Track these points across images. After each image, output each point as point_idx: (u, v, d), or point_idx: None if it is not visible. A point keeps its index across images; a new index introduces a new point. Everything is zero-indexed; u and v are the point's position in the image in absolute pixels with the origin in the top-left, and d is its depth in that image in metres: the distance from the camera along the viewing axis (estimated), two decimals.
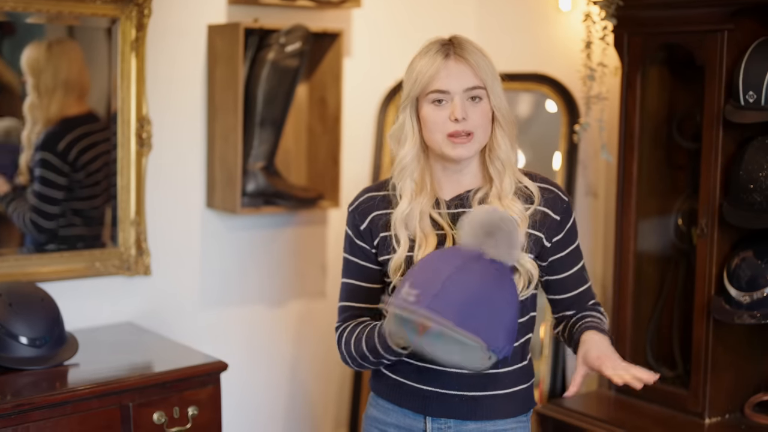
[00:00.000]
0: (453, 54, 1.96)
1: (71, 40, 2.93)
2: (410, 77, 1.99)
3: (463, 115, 1.94)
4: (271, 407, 3.48)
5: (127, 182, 3.03)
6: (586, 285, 2.10)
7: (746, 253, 2.71)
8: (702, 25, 2.74)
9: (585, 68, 3.08)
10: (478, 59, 1.96)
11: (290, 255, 3.45)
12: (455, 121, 1.95)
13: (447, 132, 1.96)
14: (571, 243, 2.07)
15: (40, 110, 2.89)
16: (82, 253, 2.99)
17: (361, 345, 2.02)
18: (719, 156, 2.73)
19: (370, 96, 3.60)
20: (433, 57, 1.96)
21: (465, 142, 1.96)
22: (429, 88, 1.96)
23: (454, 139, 1.96)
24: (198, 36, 3.17)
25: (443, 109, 1.96)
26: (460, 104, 1.94)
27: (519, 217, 1.99)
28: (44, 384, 2.47)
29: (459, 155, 1.97)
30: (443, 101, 1.96)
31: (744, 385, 2.87)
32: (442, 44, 1.98)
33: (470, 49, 1.97)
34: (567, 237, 2.06)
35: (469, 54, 1.96)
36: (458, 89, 1.95)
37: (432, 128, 1.97)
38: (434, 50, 1.97)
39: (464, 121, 1.95)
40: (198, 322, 3.26)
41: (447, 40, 2.00)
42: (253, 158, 3.17)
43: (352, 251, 2.10)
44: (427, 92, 1.97)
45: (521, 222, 1.99)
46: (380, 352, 1.99)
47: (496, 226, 1.82)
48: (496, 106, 1.98)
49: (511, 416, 2.07)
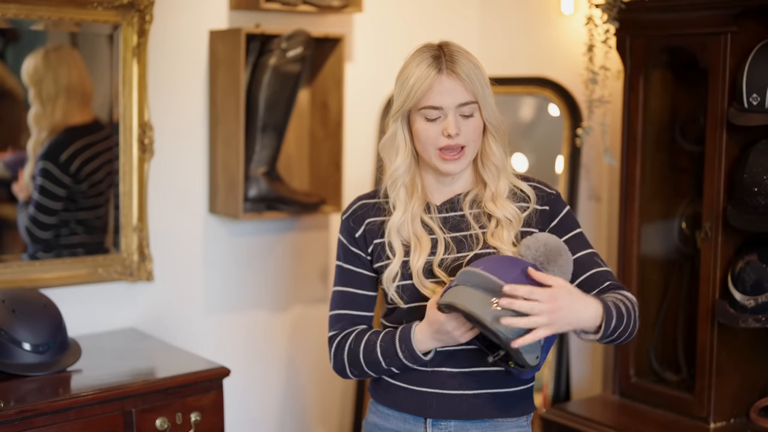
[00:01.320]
0: (445, 69, 1.97)
1: (69, 47, 2.93)
2: (402, 89, 2.01)
3: (456, 131, 1.98)
4: (273, 413, 3.47)
5: (129, 188, 3.02)
6: (599, 268, 2.04)
7: (751, 257, 2.70)
8: (705, 28, 2.73)
9: (587, 72, 3.07)
10: (469, 72, 1.98)
11: (292, 260, 3.45)
12: (448, 137, 1.98)
13: (439, 146, 2.00)
14: (571, 230, 2.07)
15: (45, 119, 2.89)
16: (85, 259, 2.99)
17: (376, 350, 2.02)
18: (723, 159, 2.73)
19: (372, 101, 3.59)
20: (425, 71, 1.97)
21: (456, 158, 2.00)
22: (422, 104, 1.99)
23: (445, 155, 1.99)
24: (199, 42, 3.17)
25: (436, 125, 1.99)
26: (453, 121, 1.98)
27: (513, 217, 2.03)
28: (47, 390, 2.46)
29: (450, 171, 2.02)
30: (436, 117, 1.99)
31: (749, 390, 2.86)
32: (433, 56, 1.99)
33: (462, 62, 1.98)
34: (564, 224, 2.07)
35: (461, 68, 1.98)
36: (451, 105, 1.98)
37: (425, 142, 2.01)
38: (426, 63, 1.98)
39: (457, 136, 1.98)
40: (200, 327, 3.26)
41: (437, 49, 2.00)
42: (255, 163, 3.17)
43: (346, 258, 2.11)
44: (419, 107, 2.00)
45: (515, 222, 2.03)
46: (399, 357, 2.00)
47: (557, 252, 1.96)
48: (487, 119, 2.02)
49: (511, 416, 2.06)
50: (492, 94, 2.03)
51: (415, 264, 2.02)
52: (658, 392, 2.97)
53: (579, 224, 2.10)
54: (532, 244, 1.97)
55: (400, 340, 2.00)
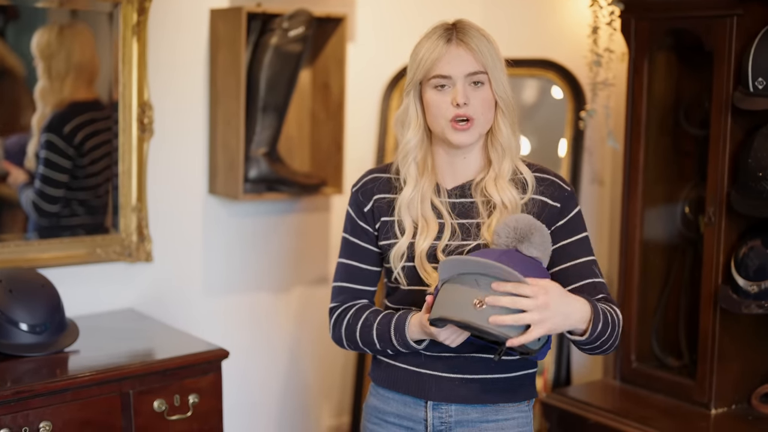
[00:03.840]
0: (455, 39, 1.97)
1: (83, 24, 2.91)
2: (413, 62, 2.01)
3: (464, 100, 1.96)
4: (272, 394, 3.46)
5: (128, 168, 3.00)
6: (595, 278, 2.01)
7: (754, 242, 2.68)
8: (710, 11, 2.70)
9: (591, 54, 3.04)
10: (480, 44, 1.97)
11: (293, 241, 3.43)
12: (457, 106, 1.96)
13: (449, 117, 1.98)
14: (576, 233, 2.03)
15: (51, 94, 2.87)
16: (84, 239, 2.97)
17: (372, 332, 2.03)
18: (727, 143, 2.70)
19: (374, 82, 3.57)
20: (435, 42, 1.98)
21: (467, 128, 1.98)
22: (431, 73, 1.98)
23: (456, 125, 1.97)
24: (200, 20, 3.14)
25: (446, 94, 1.98)
26: (462, 89, 1.96)
27: (511, 203, 2.00)
28: (44, 371, 2.45)
29: (460, 141, 2.00)
30: (445, 86, 1.98)
31: (751, 376, 2.84)
32: (445, 29, 2.00)
33: (473, 34, 1.98)
34: (570, 225, 2.03)
35: (471, 39, 1.97)
36: (460, 74, 1.97)
37: (435, 113, 2.00)
38: (437, 35, 1.98)
39: (466, 106, 1.97)
40: (199, 308, 3.24)
41: (451, 25, 2.01)
42: (255, 144, 3.15)
43: (353, 232, 2.11)
44: (429, 77, 1.99)
45: (512, 208, 2.00)
46: (393, 343, 2.01)
47: (528, 231, 1.92)
48: (497, 92, 2.00)
49: (512, 402, 2.05)
50: (505, 70, 2.01)
51: (420, 246, 2.01)
52: (659, 377, 2.96)
53: (586, 227, 2.05)
54: (502, 230, 1.93)
55: (395, 329, 2.00)
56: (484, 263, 1.82)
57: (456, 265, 1.86)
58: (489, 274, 1.83)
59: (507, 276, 1.82)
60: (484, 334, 1.84)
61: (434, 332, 1.92)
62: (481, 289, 1.82)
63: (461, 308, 1.83)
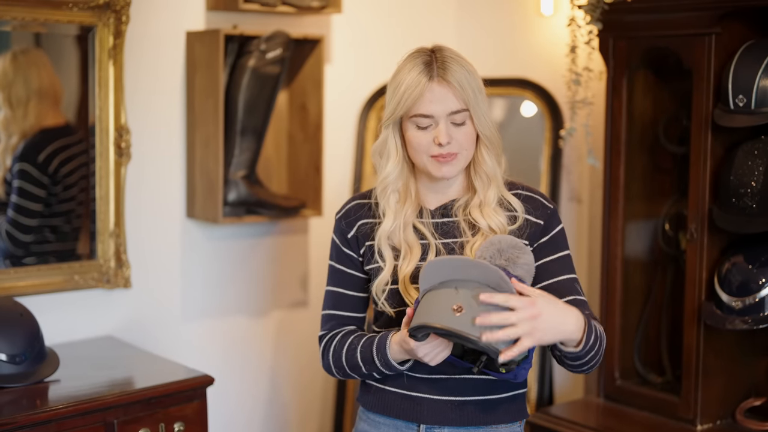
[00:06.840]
0: (436, 76, 1.94)
1: (37, 49, 2.86)
2: (393, 96, 1.98)
3: (447, 140, 1.95)
4: (253, 419, 3.42)
5: (105, 193, 2.96)
6: (577, 296, 2.01)
7: (737, 258, 2.70)
8: (689, 29, 2.72)
9: (570, 73, 3.05)
10: (461, 79, 1.95)
11: (272, 264, 3.40)
12: (439, 146, 1.96)
13: (431, 154, 1.97)
14: (559, 250, 2.03)
15: (15, 123, 2.82)
16: (61, 266, 2.92)
17: (356, 355, 2.01)
18: (708, 160, 2.72)
19: (351, 103, 3.56)
20: (416, 78, 1.94)
21: (450, 161, 1.97)
22: (412, 112, 1.97)
23: (438, 159, 1.97)
24: (177, 43, 3.11)
25: (428, 133, 1.97)
26: (445, 129, 1.95)
27: (499, 228, 2.00)
28: (24, 402, 2.40)
29: (443, 174, 1.99)
30: (428, 125, 1.96)
31: (735, 391, 2.85)
32: (425, 62, 1.96)
33: (453, 68, 1.95)
34: (553, 242, 2.02)
35: (452, 75, 1.94)
36: (442, 113, 1.95)
37: (417, 149, 1.99)
38: (417, 70, 1.95)
39: (449, 145, 1.96)
40: (179, 334, 3.20)
41: (430, 53, 1.97)
42: (234, 167, 3.12)
43: (338, 259, 2.10)
44: (410, 115, 1.97)
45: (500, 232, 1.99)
46: (376, 365, 1.98)
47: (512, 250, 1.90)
48: (480, 128, 1.99)
49: (505, 423, 2.04)
50: (486, 100, 1.99)
51: (404, 271, 2.00)
52: (643, 394, 2.96)
53: (568, 245, 2.06)
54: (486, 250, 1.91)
55: (377, 350, 1.98)
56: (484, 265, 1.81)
57: (440, 270, 1.83)
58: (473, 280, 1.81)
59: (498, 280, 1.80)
60: (464, 341, 1.81)
61: (414, 347, 1.88)
62: (459, 295, 1.80)
63: (441, 315, 1.80)
